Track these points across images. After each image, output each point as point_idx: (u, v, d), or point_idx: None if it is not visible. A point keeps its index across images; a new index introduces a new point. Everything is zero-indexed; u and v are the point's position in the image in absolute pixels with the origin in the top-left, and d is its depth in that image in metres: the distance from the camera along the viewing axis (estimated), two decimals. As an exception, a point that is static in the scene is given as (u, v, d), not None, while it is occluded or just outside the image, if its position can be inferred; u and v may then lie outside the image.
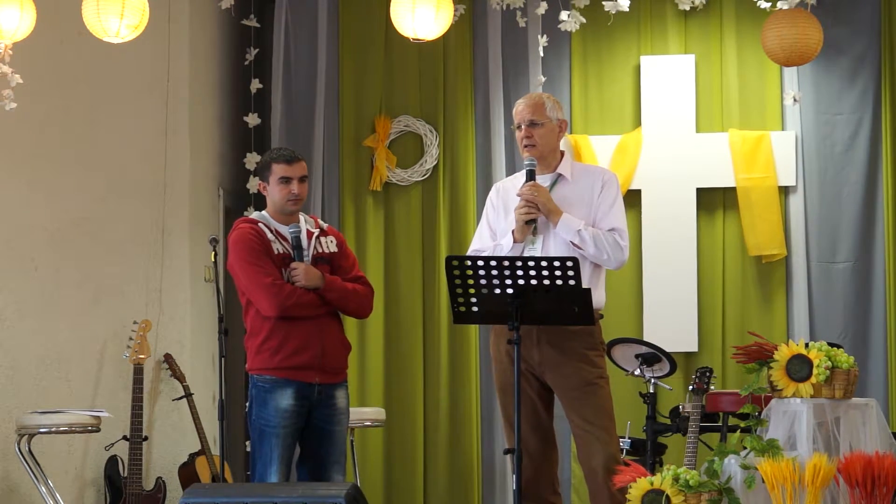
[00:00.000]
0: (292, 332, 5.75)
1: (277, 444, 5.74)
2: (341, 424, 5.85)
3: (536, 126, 5.82)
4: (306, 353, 5.74)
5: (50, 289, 7.50)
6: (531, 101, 5.89)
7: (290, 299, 5.71)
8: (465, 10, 8.34)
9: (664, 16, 8.35)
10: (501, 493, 8.24)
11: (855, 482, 5.07)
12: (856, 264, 8.15)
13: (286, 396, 5.74)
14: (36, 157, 7.48)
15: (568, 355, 5.70)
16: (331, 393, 5.82)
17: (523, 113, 5.84)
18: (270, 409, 5.75)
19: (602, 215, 5.80)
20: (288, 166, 5.85)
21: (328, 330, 5.80)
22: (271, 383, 5.77)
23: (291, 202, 5.83)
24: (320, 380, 5.77)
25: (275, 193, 5.86)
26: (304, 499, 4.91)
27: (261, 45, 8.65)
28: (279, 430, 5.74)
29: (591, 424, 5.68)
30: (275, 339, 5.76)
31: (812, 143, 8.21)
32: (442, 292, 8.30)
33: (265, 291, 5.74)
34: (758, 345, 5.44)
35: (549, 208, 5.72)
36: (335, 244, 5.93)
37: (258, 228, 5.81)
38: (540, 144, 5.83)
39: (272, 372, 5.77)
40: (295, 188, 5.83)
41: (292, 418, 5.76)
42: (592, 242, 5.70)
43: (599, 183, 5.86)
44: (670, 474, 5.18)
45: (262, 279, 5.74)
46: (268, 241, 5.79)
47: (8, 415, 7.19)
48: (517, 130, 5.87)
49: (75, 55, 7.56)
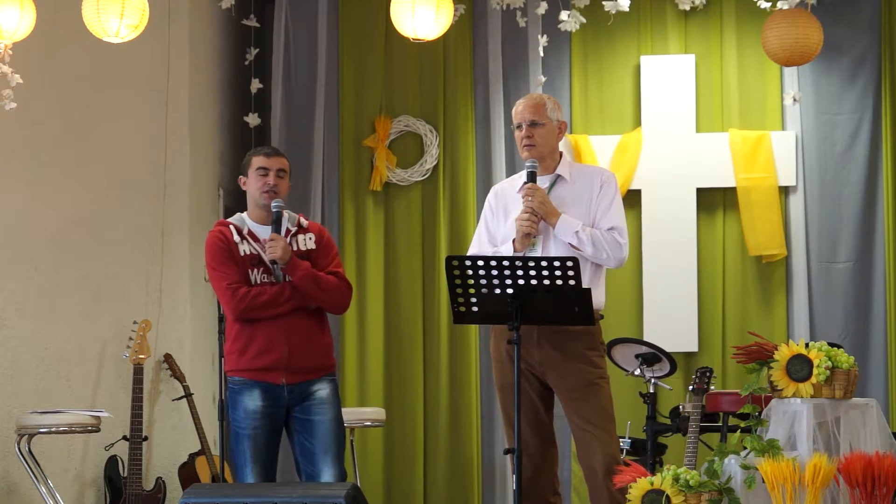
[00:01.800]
0: (256, 334, 5.74)
1: (250, 445, 5.73)
2: (324, 414, 5.77)
3: (537, 126, 5.82)
4: (270, 354, 5.72)
5: (50, 289, 7.50)
6: (532, 102, 5.89)
7: (243, 302, 5.69)
8: (465, 10, 8.34)
9: (664, 16, 8.35)
10: (501, 493, 8.24)
11: (855, 482, 5.07)
12: (856, 264, 8.15)
13: (254, 398, 5.73)
14: (36, 157, 7.48)
15: (568, 355, 5.70)
16: (306, 388, 5.77)
17: (524, 113, 5.84)
18: (240, 411, 5.76)
19: (601, 214, 5.80)
20: (266, 158, 5.87)
21: (297, 330, 5.74)
22: (240, 385, 5.77)
23: (266, 193, 5.81)
24: (287, 380, 5.73)
25: (251, 185, 5.87)
26: (304, 499, 4.91)
27: (261, 45, 8.65)
28: (250, 430, 5.73)
29: (591, 424, 5.67)
30: (240, 341, 5.77)
31: (812, 143, 8.21)
32: (442, 292, 8.30)
33: (222, 295, 5.79)
34: (758, 345, 5.44)
35: (547, 210, 5.72)
36: (313, 241, 5.88)
37: (226, 231, 5.82)
38: (540, 145, 5.82)
39: (240, 373, 5.77)
40: (271, 179, 5.81)
41: (262, 419, 5.73)
42: (590, 243, 5.70)
43: (598, 183, 5.86)
44: (670, 474, 5.18)
45: (220, 283, 5.76)
46: (233, 243, 5.78)
47: (8, 415, 7.19)
48: (517, 130, 5.87)
49: (75, 55, 7.56)
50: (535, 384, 5.78)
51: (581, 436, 5.71)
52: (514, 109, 5.93)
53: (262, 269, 5.77)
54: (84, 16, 6.40)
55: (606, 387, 5.76)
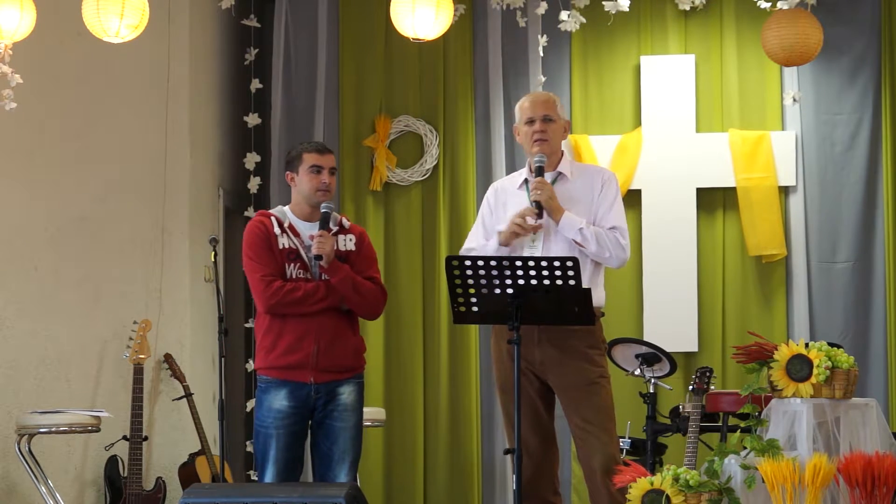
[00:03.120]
0: (286, 330, 5.70)
1: (272, 444, 5.71)
2: (345, 420, 5.77)
3: (550, 122, 5.83)
4: (299, 351, 5.69)
5: (50, 289, 7.50)
6: (546, 97, 5.91)
7: (276, 296, 5.66)
8: (465, 10, 8.34)
9: (664, 16, 8.35)
10: (501, 493, 8.24)
11: (855, 482, 5.07)
12: (856, 264, 8.15)
13: (280, 398, 5.71)
14: (36, 157, 7.48)
15: (569, 354, 5.70)
16: (333, 389, 5.75)
17: (537, 108, 5.83)
18: (265, 410, 5.73)
19: (603, 214, 5.81)
20: (319, 156, 5.81)
21: (327, 328, 5.71)
22: (267, 383, 5.75)
23: (321, 192, 5.76)
24: (315, 379, 5.70)
25: (304, 183, 5.79)
26: (304, 499, 4.92)
27: (261, 45, 8.65)
28: (272, 430, 5.71)
29: (591, 424, 5.67)
30: (270, 337, 5.73)
31: (812, 143, 8.21)
32: (442, 292, 8.30)
33: (255, 287, 5.73)
34: (758, 345, 5.44)
35: (552, 206, 5.72)
36: (353, 242, 5.84)
37: (266, 221, 5.76)
38: (553, 140, 5.83)
39: (268, 371, 5.74)
40: (325, 178, 5.77)
41: (287, 419, 5.71)
42: (595, 240, 5.71)
43: (599, 182, 5.86)
44: (670, 474, 5.18)
45: (254, 273, 5.72)
46: (273, 234, 5.72)
47: (8, 415, 7.19)
48: (526, 125, 5.85)
49: (75, 55, 7.57)
50: (536, 383, 5.78)
51: (581, 435, 5.70)
52: (520, 105, 5.91)
53: (299, 264, 5.73)
54: (84, 16, 6.40)
55: (607, 386, 5.75)
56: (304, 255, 5.72)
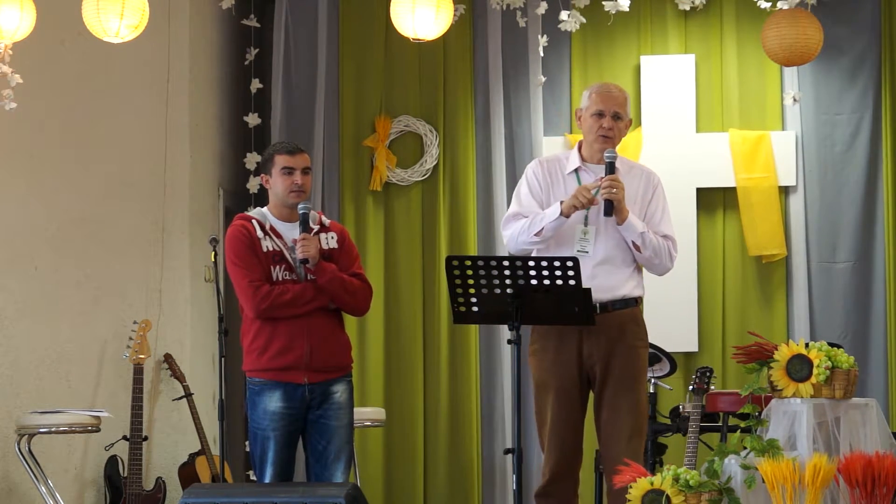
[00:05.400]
0: (277, 332, 5.70)
1: (269, 446, 5.72)
2: (340, 419, 5.78)
3: (619, 119, 5.79)
4: (291, 353, 5.70)
5: (50, 289, 7.50)
6: (621, 94, 5.83)
7: (265, 301, 5.66)
8: (465, 10, 8.34)
9: (664, 16, 8.35)
10: (501, 493, 8.24)
11: (855, 482, 5.07)
12: (856, 264, 8.15)
13: (274, 399, 5.71)
14: (35, 157, 7.48)
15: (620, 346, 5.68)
16: (326, 389, 5.77)
17: (611, 103, 5.76)
18: (259, 412, 5.74)
19: (657, 221, 5.79)
20: (290, 157, 5.80)
21: (317, 328, 5.72)
22: (260, 385, 5.75)
23: (294, 193, 5.77)
24: (309, 380, 5.71)
25: (277, 185, 5.80)
26: (303, 499, 4.92)
27: (261, 45, 8.65)
28: (269, 432, 5.72)
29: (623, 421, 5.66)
30: (261, 340, 5.74)
31: (812, 143, 8.21)
32: (442, 292, 8.29)
33: (243, 293, 5.73)
34: (758, 345, 5.44)
35: (621, 206, 5.67)
36: (335, 240, 5.85)
37: (248, 225, 5.76)
38: (616, 138, 5.80)
39: (260, 374, 5.74)
40: (298, 179, 5.76)
41: (282, 421, 5.72)
42: (652, 247, 5.70)
43: (651, 186, 5.85)
44: (670, 474, 5.18)
45: (241, 280, 5.71)
46: (256, 238, 5.73)
47: (8, 415, 7.19)
48: (593, 116, 5.77)
49: (75, 55, 7.57)
50: (579, 381, 5.72)
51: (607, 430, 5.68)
52: (592, 92, 5.81)
53: (285, 265, 5.73)
54: (84, 16, 6.40)
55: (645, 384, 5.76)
56: (289, 257, 5.73)
